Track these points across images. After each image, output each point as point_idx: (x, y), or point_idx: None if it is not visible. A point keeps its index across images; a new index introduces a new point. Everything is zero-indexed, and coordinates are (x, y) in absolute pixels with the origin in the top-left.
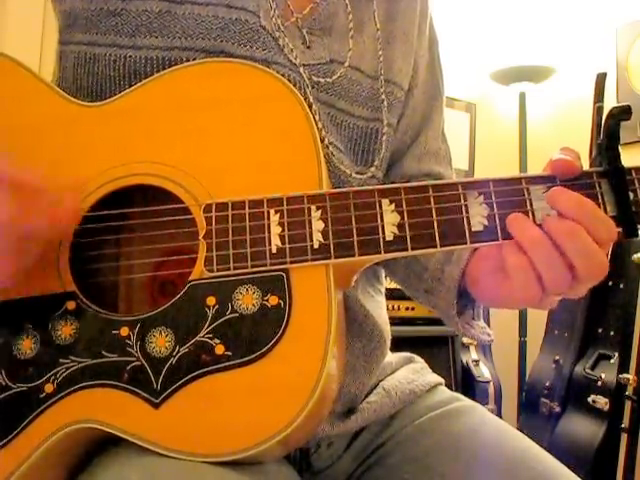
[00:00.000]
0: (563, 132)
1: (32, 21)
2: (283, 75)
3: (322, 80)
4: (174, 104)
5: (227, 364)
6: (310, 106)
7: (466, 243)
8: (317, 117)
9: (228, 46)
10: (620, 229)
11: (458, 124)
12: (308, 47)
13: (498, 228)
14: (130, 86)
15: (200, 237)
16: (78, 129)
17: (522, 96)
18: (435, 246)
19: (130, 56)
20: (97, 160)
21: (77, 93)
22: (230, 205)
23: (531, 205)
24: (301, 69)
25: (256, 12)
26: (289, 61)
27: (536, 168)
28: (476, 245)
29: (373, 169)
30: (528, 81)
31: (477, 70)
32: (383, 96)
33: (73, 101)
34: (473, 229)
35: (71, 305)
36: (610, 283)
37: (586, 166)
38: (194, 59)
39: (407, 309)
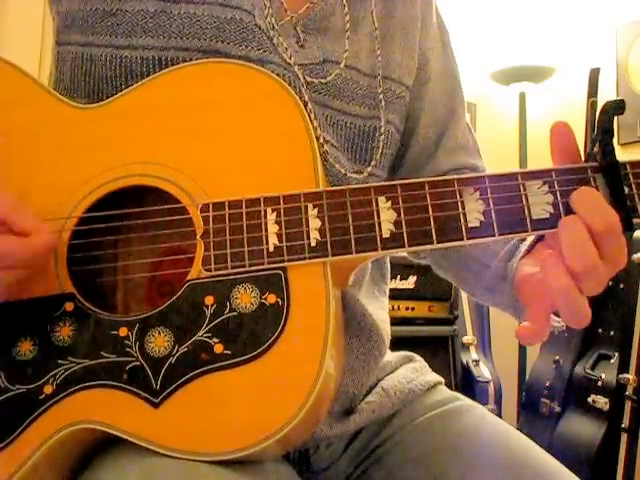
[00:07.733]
0: None
1: (32, 21)
2: (278, 75)
3: (316, 80)
4: (170, 105)
5: (226, 363)
6: (305, 105)
7: (462, 239)
8: (312, 116)
9: (223, 46)
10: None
11: None
12: (302, 46)
13: (494, 224)
14: (127, 86)
15: (198, 237)
16: (76, 131)
17: (522, 96)
18: (432, 242)
19: (126, 56)
20: (95, 161)
21: (74, 93)
22: (227, 204)
23: (527, 200)
24: (295, 68)
25: (251, 11)
26: (284, 61)
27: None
28: (472, 241)
29: (370, 168)
30: (528, 81)
31: (477, 70)
32: (381, 95)
33: (70, 104)
34: (469, 225)
35: (69, 306)
36: (610, 283)
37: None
38: (190, 59)
39: (407, 309)
